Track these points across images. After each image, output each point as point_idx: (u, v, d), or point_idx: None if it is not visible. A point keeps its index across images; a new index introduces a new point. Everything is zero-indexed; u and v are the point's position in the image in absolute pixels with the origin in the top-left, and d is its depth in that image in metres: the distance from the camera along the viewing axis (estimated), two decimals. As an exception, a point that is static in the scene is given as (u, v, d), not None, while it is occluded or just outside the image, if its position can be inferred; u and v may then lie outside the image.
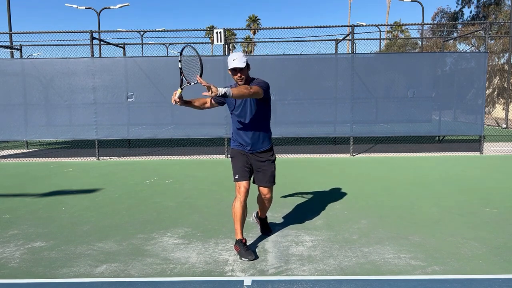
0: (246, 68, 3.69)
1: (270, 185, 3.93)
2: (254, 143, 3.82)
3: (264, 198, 3.99)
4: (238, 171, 3.79)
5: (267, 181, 3.89)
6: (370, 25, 10.71)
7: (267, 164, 3.89)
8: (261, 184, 3.92)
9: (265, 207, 4.13)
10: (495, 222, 4.57)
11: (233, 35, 31.09)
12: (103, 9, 24.52)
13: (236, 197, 3.76)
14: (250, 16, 57.47)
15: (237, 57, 3.64)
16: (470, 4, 31.48)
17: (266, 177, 3.88)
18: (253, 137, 3.80)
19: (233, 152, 3.91)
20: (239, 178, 3.77)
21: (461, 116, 10.32)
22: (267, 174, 3.88)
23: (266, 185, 3.91)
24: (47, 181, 7.36)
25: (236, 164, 3.83)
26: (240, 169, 3.79)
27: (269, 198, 4.00)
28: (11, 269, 3.50)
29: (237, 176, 3.78)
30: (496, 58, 22.30)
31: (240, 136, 3.83)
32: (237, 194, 3.75)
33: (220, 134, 9.78)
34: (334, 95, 9.94)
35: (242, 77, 3.68)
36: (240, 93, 3.42)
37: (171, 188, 6.58)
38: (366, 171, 7.85)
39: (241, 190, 3.73)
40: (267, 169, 3.88)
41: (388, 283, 3.18)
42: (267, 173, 3.88)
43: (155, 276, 3.34)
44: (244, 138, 3.81)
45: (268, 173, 3.88)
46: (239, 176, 3.77)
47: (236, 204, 3.73)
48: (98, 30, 10.64)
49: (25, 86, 9.90)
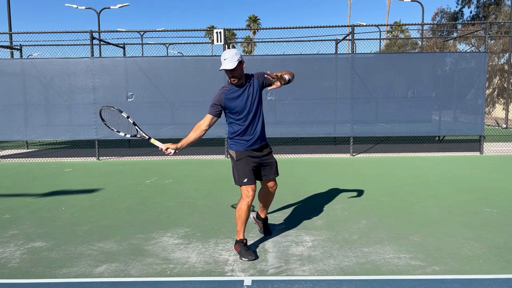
0: (239, 67, 3.56)
1: (276, 176, 4.00)
2: (260, 139, 3.81)
3: (271, 190, 4.02)
4: (247, 175, 3.72)
5: (274, 172, 3.95)
6: (370, 25, 10.73)
7: (271, 156, 3.94)
8: (270, 177, 3.94)
9: (268, 202, 4.14)
10: (495, 222, 4.57)
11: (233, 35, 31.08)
12: (103, 9, 24.52)
13: (242, 200, 3.70)
14: (250, 16, 57.44)
15: (228, 57, 3.52)
16: (470, 4, 31.50)
17: (273, 169, 3.93)
18: (259, 133, 3.79)
19: (239, 155, 3.76)
20: (247, 182, 3.70)
21: (461, 116, 10.32)
22: (274, 166, 3.95)
23: (274, 177, 3.96)
24: (47, 181, 7.36)
25: (244, 168, 3.73)
26: (248, 173, 3.73)
27: (275, 189, 4.05)
28: (11, 269, 3.50)
29: (246, 179, 3.71)
30: (496, 58, 22.30)
31: (247, 135, 3.75)
32: (245, 198, 3.68)
33: (220, 134, 9.78)
34: (334, 95, 9.94)
35: (234, 77, 3.59)
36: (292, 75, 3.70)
37: (171, 188, 6.58)
38: (366, 171, 7.85)
39: (250, 194, 3.68)
40: (272, 161, 3.93)
41: (388, 283, 3.18)
42: (273, 165, 3.95)
43: (155, 276, 3.34)
44: (252, 136, 3.76)
45: (274, 164, 3.95)
46: (248, 180, 3.71)
47: (242, 207, 3.68)
48: (98, 30, 10.65)
49: (25, 86, 9.89)
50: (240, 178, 3.73)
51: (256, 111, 3.74)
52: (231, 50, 3.58)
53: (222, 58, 3.56)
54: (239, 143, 3.76)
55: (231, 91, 3.69)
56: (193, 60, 10.05)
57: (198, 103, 9.78)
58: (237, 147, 3.77)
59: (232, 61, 3.51)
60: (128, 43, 13.41)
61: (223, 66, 3.54)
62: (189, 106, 10.07)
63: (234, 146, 3.79)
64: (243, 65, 3.63)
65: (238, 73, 3.59)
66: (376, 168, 8.15)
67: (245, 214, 3.68)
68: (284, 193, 5.93)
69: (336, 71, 9.83)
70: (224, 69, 3.54)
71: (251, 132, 3.75)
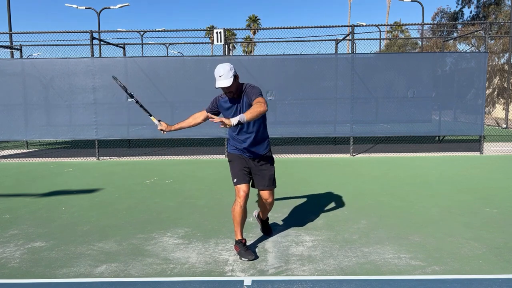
0: (234, 81, 3.48)
1: (270, 188, 3.84)
2: (253, 150, 3.75)
3: (265, 203, 3.91)
4: (237, 175, 3.72)
5: (266, 184, 3.80)
6: (370, 25, 10.73)
7: (266, 167, 3.82)
8: (261, 188, 3.83)
9: (266, 211, 4.08)
10: (495, 222, 4.57)
11: (233, 35, 31.09)
12: (103, 9, 24.52)
13: (235, 201, 3.70)
14: (250, 16, 57.43)
15: (223, 73, 3.41)
16: (470, 4, 31.50)
17: (265, 180, 3.80)
18: (252, 144, 3.72)
19: (231, 156, 3.84)
20: (238, 182, 3.70)
21: (461, 116, 10.32)
22: (266, 177, 3.80)
23: (266, 188, 3.81)
24: (47, 181, 7.36)
25: (235, 168, 3.76)
26: (238, 173, 3.72)
27: (271, 202, 3.91)
28: (11, 269, 3.50)
29: (236, 179, 3.71)
30: (496, 58, 22.29)
31: (239, 143, 3.76)
32: (237, 198, 3.68)
33: (220, 134, 9.78)
34: (334, 95, 9.94)
35: (231, 92, 3.54)
36: (254, 115, 3.28)
37: (171, 188, 6.58)
38: (366, 171, 7.85)
39: (241, 194, 3.66)
40: (266, 172, 3.81)
41: (388, 283, 3.18)
42: (266, 176, 3.80)
43: (155, 276, 3.34)
44: (243, 145, 3.74)
45: (267, 175, 3.80)
46: (237, 180, 3.70)
47: (236, 208, 3.67)
48: (98, 30, 10.65)
49: (25, 86, 9.89)
50: (232, 178, 3.78)
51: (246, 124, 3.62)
52: (225, 65, 3.47)
53: (216, 74, 3.45)
54: (232, 146, 3.85)
55: (225, 100, 3.71)
56: (193, 60, 10.05)
57: (198, 103, 9.68)
58: (229, 149, 3.89)
59: (228, 78, 3.44)
60: (128, 43, 13.41)
61: (219, 84, 3.45)
62: (189, 106, 10.05)
63: (229, 147, 3.92)
64: (238, 78, 3.56)
65: (234, 87, 3.53)
66: (376, 168, 8.15)
67: (239, 215, 3.66)
68: (284, 193, 5.92)
69: (336, 71, 9.83)
70: (221, 87, 3.47)
71: (240, 140, 3.75)
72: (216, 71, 3.47)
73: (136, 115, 10.08)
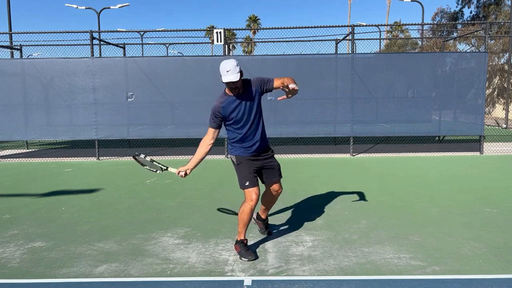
0: (240, 77, 3.49)
1: (280, 178, 3.95)
2: (260, 145, 3.77)
3: (275, 194, 3.97)
4: (248, 178, 3.70)
5: (277, 175, 3.90)
6: (370, 25, 10.74)
7: (272, 159, 3.90)
8: (273, 180, 3.89)
9: (270, 206, 4.11)
10: (495, 222, 4.57)
11: (233, 35, 31.08)
12: (103, 9, 24.52)
13: (245, 203, 3.68)
14: (250, 16, 57.41)
15: (231, 68, 3.41)
16: (470, 4, 31.50)
17: (275, 171, 3.89)
18: (259, 140, 3.74)
19: (239, 159, 3.76)
20: (250, 185, 3.68)
21: (461, 116, 10.32)
22: (276, 168, 3.90)
23: (277, 179, 3.91)
24: (47, 181, 7.36)
25: (244, 171, 3.72)
26: (249, 176, 3.71)
27: (280, 193, 4.00)
28: (11, 269, 3.50)
29: (248, 182, 3.69)
30: (496, 58, 22.30)
31: (246, 142, 3.73)
32: (248, 201, 3.66)
33: (220, 134, 9.76)
34: (334, 95, 9.93)
35: (237, 87, 3.54)
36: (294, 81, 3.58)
37: (171, 188, 6.58)
38: (366, 171, 7.85)
39: (253, 197, 3.64)
40: (274, 164, 3.89)
41: (388, 283, 3.18)
42: (275, 168, 3.90)
43: (155, 276, 3.34)
44: (251, 143, 3.72)
45: (276, 167, 3.90)
46: (250, 183, 3.68)
47: (245, 210, 3.65)
48: (98, 30, 10.66)
49: (25, 86, 9.89)
50: (242, 181, 3.72)
51: (254, 119, 3.68)
52: (231, 60, 3.48)
53: (223, 69, 3.44)
54: (238, 149, 3.77)
55: (228, 101, 3.63)
56: (193, 60, 10.05)
57: (198, 103, 9.77)
58: (237, 151, 3.78)
59: (235, 73, 3.44)
60: (128, 43, 13.41)
61: (228, 79, 3.43)
62: (189, 106, 10.07)
63: (234, 151, 3.80)
64: (242, 75, 3.57)
65: (240, 83, 3.54)
66: (376, 168, 8.15)
67: (248, 217, 3.67)
68: (284, 193, 5.88)
69: (336, 71, 9.82)
70: (230, 81, 3.44)
71: (250, 139, 3.72)
72: (222, 66, 3.46)
73: (136, 115, 10.10)
